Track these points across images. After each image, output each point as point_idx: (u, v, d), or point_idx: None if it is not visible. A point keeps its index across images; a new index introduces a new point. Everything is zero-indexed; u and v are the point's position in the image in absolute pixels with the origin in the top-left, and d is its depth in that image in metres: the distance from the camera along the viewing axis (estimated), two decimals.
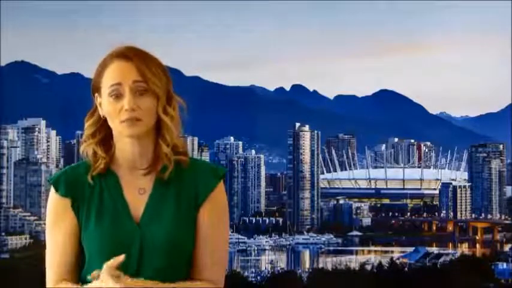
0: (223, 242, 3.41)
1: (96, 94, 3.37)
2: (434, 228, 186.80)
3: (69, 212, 3.37)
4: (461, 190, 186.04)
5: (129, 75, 3.27)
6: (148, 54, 3.35)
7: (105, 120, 3.36)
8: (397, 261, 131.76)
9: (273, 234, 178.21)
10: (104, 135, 3.39)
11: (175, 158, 3.37)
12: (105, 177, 3.38)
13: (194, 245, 3.36)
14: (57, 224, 3.38)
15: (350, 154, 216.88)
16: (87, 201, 3.36)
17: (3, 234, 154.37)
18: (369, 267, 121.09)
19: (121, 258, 3.13)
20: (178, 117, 3.37)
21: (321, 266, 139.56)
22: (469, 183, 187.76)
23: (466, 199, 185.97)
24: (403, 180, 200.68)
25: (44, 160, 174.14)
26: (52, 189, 3.40)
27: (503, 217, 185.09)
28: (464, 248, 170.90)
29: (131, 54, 3.31)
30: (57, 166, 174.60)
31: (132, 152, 3.36)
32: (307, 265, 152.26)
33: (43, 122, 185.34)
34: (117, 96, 3.27)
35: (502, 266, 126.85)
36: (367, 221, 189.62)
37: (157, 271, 3.31)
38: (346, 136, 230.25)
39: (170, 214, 3.34)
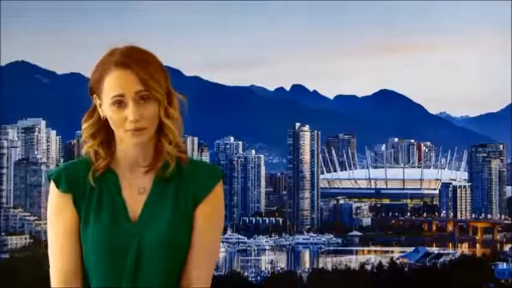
0: (213, 245, 3.39)
1: (95, 95, 3.36)
2: (434, 228, 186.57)
3: (71, 208, 3.36)
4: (461, 190, 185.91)
5: (131, 86, 3.27)
6: (146, 56, 3.35)
7: (104, 121, 3.36)
8: (397, 261, 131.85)
9: (273, 234, 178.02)
10: (105, 136, 3.39)
11: (177, 154, 3.38)
12: (105, 176, 3.39)
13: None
14: (58, 219, 3.37)
15: (350, 154, 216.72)
16: (87, 199, 3.36)
17: (3, 234, 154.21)
18: (369, 267, 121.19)
19: None
20: (179, 115, 3.39)
21: (321, 266, 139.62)
22: (469, 183, 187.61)
23: (466, 199, 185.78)
24: (403, 180, 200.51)
25: (44, 160, 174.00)
26: (53, 185, 3.40)
27: (503, 217, 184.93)
28: (464, 248, 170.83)
29: (130, 62, 3.29)
30: (57, 166, 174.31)
31: (135, 153, 3.38)
32: (307, 265, 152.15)
33: (43, 122, 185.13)
34: (120, 105, 3.28)
35: (502, 266, 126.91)
36: (367, 221, 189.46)
37: (156, 271, 3.31)
38: (346, 136, 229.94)
39: (168, 213, 3.34)
